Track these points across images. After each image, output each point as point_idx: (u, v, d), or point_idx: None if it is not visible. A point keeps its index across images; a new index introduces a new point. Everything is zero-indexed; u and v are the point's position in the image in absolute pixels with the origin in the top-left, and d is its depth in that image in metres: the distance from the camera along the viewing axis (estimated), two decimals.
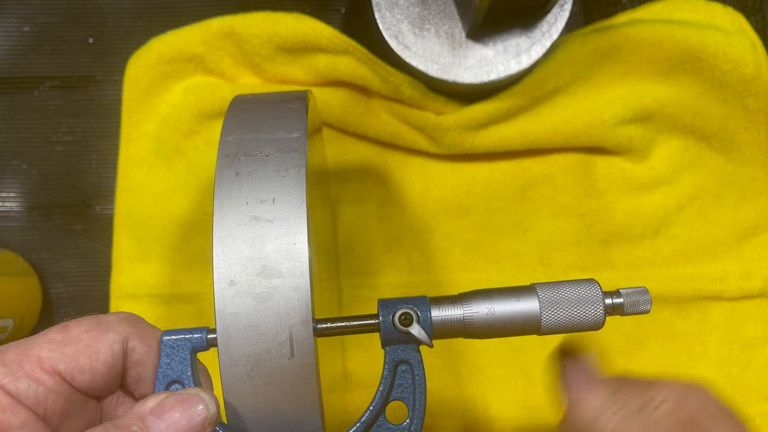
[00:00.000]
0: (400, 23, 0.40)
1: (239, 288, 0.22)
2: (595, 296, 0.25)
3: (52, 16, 0.46)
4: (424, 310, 0.25)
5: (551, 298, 0.25)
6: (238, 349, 0.22)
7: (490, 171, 0.43)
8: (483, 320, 0.25)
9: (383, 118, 0.43)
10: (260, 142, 0.25)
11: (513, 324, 0.25)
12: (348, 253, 0.44)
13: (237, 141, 0.25)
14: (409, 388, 0.25)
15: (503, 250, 0.43)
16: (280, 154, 0.24)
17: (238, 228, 0.23)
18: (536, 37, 0.40)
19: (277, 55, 0.42)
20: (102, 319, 0.24)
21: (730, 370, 0.42)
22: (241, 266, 0.22)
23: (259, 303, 0.22)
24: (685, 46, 0.41)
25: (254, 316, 0.22)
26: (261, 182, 0.23)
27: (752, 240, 0.43)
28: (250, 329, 0.22)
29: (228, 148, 0.25)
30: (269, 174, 0.24)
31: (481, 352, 0.43)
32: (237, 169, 0.24)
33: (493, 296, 0.25)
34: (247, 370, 0.22)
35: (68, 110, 0.46)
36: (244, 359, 0.22)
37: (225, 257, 0.23)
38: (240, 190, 0.23)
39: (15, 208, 0.45)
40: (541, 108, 0.42)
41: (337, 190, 0.44)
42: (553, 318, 0.25)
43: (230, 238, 0.23)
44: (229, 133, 0.25)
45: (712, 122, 0.42)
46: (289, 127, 0.25)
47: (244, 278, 0.22)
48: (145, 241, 0.43)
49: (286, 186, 0.23)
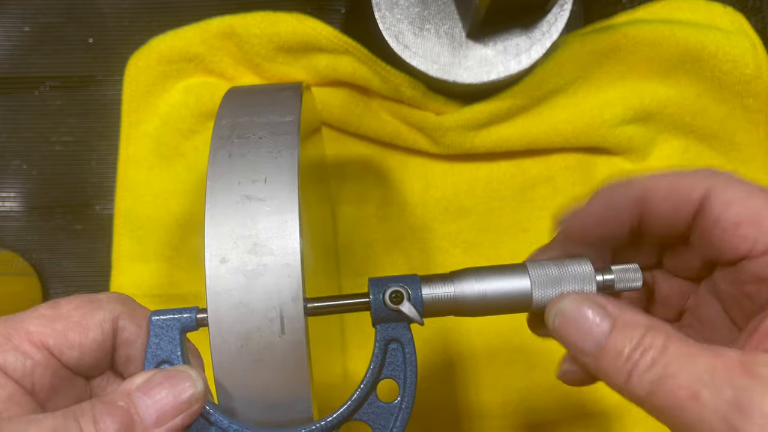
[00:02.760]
0: (400, 23, 0.40)
1: (230, 265, 0.23)
2: (587, 274, 0.25)
3: (52, 16, 0.46)
4: (415, 288, 0.25)
5: (543, 276, 0.25)
6: (229, 326, 0.22)
7: (490, 171, 0.43)
8: (474, 298, 0.25)
9: (383, 118, 0.43)
10: (253, 125, 0.25)
11: (504, 302, 0.25)
12: (348, 252, 0.44)
13: (231, 124, 0.25)
14: (399, 367, 0.25)
15: (503, 251, 0.43)
16: (272, 137, 0.24)
17: (230, 207, 0.23)
18: (536, 37, 0.40)
19: (277, 55, 0.42)
20: (93, 297, 0.24)
21: None
22: (232, 244, 0.23)
23: (250, 280, 0.22)
24: (685, 46, 0.41)
25: (245, 293, 0.22)
26: (253, 163, 0.24)
27: None
28: (241, 306, 0.22)
29: (222, 131, 0.25)
30: (262, 155, 0.24)
31: (481, 351, 0.43)
32: (230, 151, 0.24)
33: (484, 274, 0.25)
34: (237, 348, 0.22)
35: (68, 110, 0.46)
36: (234, 336, 0.22)
37: (216, 235, 0.23)
38: (232, 171, 0.24)
39: (15, 208, 0.45)
40: (541, 108, 0.42)
41: (337, 190, 0.44)
42: (545, 296, 0.25)
43: (222, 216, 0.23)
44: (223, 117, 0.26)
45: (712, 122, 0.42)
46: (283, 111, 0.25)
47: (235, 256, 0.23)
48: (145, 240, 0.43)
49: (279, 166, 0.23)
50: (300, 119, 0.25)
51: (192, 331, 0.25)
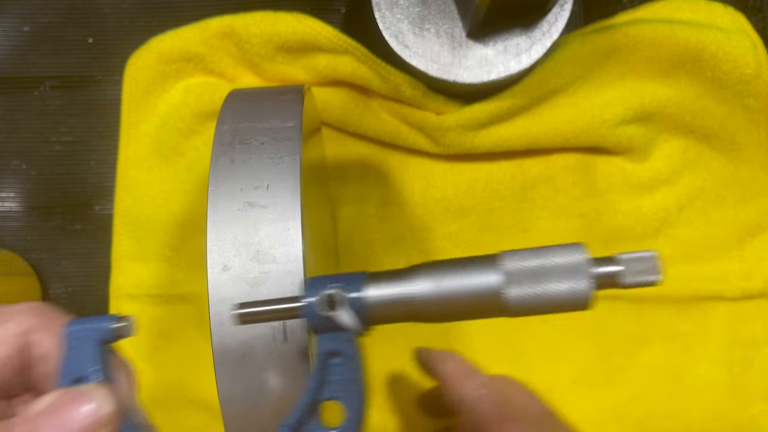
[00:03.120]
0: (400, 23, 0.40)
1: (233, 273, 0.23)
2: (578, 264, 0.20)
3: (52, 16, 0.46)
4: (359, 290, 0.21)
5: (520, 269, 0.20)
6: (231, 334, 0.22)
7: (490, 171, 0.43)
8: (430, 299, 0.21)
9: (383, 118, 0.43)
10: (255, 130, 0.25)
11: (469, 304, 0.20)
12: (348, 253, 0.44)
13: (232, 130, 0.25)
14: (344, 385, 0.21)
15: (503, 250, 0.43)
16: (274, 143, 0.24)
17: (233, 214, 0.23)
18: (536, 36, 0.40)
19: (276, 55, 0.42)
20: (2, 309, 0.22)
21: (731, 371, 0.42)
22: (234, 251, 0.23)
23: (253, 288, 0.22)
24: (686, 45, 0.41)
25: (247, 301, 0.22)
26: (255, 169, 0.24)
27: (753, 240, 0.43)
28: None
29: (223, 137, 0.25)
30: (264, 161, 0.24)
31: (481, 351, 0.43)
32: (232, 157, 0.24)
33: (444, 269, 0.21)
34: (240, 355, 0.22)
35: (68, 110, 0.46)
36: (236, 344, 0.22)
37: (219, 243, 0.23)
38: (234, 177, 0.24)
39: (15, 208, 0.45)
40: (541, 108, 0.42)
41: (337, 190, 0.44)
42: (521, 294, 0.20)
43: (224, 223, 0.23)
44: (224, 122, 0.25)
45: (712, 122, 0.42)
46: (284, 116, 0.25)
47: (237, 263, 0.22)
48: (145, 240, 0.43)
49: (281, 173, 0.23)
50: (302, 124, 0.25)
51: (112, 343, 0.22)
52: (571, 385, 0.42)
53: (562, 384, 0.42)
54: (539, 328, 0.43)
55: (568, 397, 0.42)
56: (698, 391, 0.42)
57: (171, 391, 0.43)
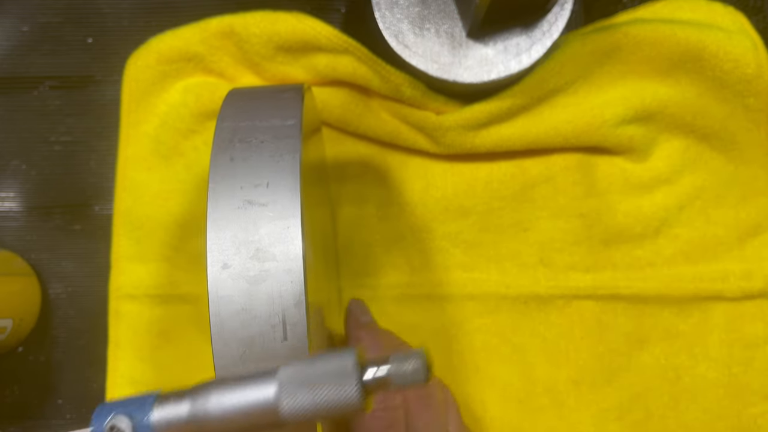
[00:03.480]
0: (400, 23, 0.40)
1: (232, 271, 0.23)
2: (347, 369, 0.20)
3: (51, 16, 0.46)
4: (143, 414, 0.20)
5: (293, 379, 0.20)
6: (231, 332, 0.22)
7: (490, 171, 0.43)
8: (214, 418, 0.21)
9: (383, 118, 0.42)
10: (255, 129, 0.25)
11: (246, 418, 0.20)
12: (348, 253, 0.43)
13: (232, 128, 0.25)
14: None
15: (503, 250, 0.43)
16: (274, 141, 0.24)
17: (232, 212, 0.23)
18: (537, 36, 0.40)
19: (276, 55, 0.42)
20: None
21: (731, 371, 0.42)
22: (234, 249, 0.23)
23: (252, 286, 0.22)
24: (686, 45, 0.41)
25: (247, 299, 0.22)
26: (255, 167, 0.24)
27: (753, 240, 0.43)
28: (243, 312, 0.22)
29: (223, 135, 0.25)
30: (264, 159, 0.24)
31: (481, 351, 0.43)
32: (232, 155, 0.24)
33: (228, 385, 0.21)
34: (240, 353, 0.22)
35: (67, 110, 0.46)
36: (236, 342, 0.22)
37: (218, 241, 0.23)
38: (234, 175, 0.24)
39: (14, 208, 0.45)
40: (541, 108, 0.42)
41: (336, 190, 0.44)
42: (295, 405, 0.20)
43: (224, 221, 0.23)
44: (224, 120, 0.25)
45: (712, 122, 0.42)
46: (285, 114, 0.25)
47: (237, 261, 0.23)
48: (144, 241, 0.43)
49: (281, 171, 0.23)
50: (302, 122, 0.25)
51: None
52: (571, 385, 0.42)
53: (562, 384, 0.42)
54: (539, 328, 0.43)
55: (568, 397, 0.42)
56: (698, 391, 0.42)
57: None
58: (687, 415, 0.42)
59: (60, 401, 0.44)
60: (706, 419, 0.42)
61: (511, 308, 0.43)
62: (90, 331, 0.44)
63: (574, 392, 0.42)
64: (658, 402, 0.42)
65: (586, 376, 0.42)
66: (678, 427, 0.42)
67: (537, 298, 0.43)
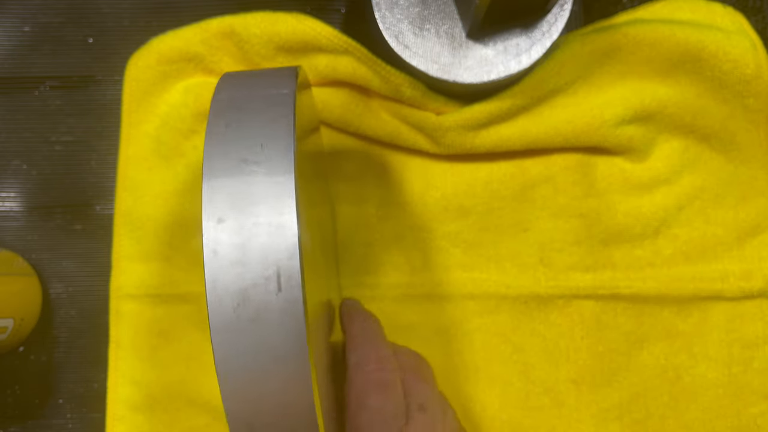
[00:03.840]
0: (400, 23, 0.40)
1: (227, 225, 0.23)
2: None
3: (52, 15, 0.46)
4: None
5: None
6: (225, 285, 0.23)
7: (490, 171, 0.43)
8: None
9: (383, 118, 0.43)
10: (251, 97, 0.26)
11: None
12: (348, 252, 0.44)
13: (228, 98, 0.26)
14: None
15: (503, 250, 0.43)
16: (269, 107, 0.25)
17: (227, 170, 0.24)
18: (536, 37, 0.40)
19: (277, 55, 0.42)
20: None
21: (730, 370, 0.42)
22: (229, 204, 0.23)
23: (246, 240, 0.23)
24: (686, 46, 0.41)
25: (241, 253, 0.23)
26: (250, 130, 0.24)
27: (753, 240, 0.43)
28: (237, 265, 0.23)
29: (219, 104, 0.26)
30: (258, 123, 0.25)
31: (481, 351, 0.43)
32: (227, 120, 0.25)
33: None
34: (233, 306, 0.23)
35: (68, 110, 0.46)
36: (230, 295, 0.23)
37: (213, 196, 0.23)
38: (229, 138, 0.24)
39: (15, 208, 0.45)
40: (541, 108, 0.42)
41: (336, 190, 0.44)
42: None
43: (218, 179, 0.24)
44: (220, 92, 0.26)
45: (712, 122, 0.42)
46: (279, 84, 0.26)
47: (231, 216, 0.23)
48: (145, 240, 0.43)
49: (275, 132, 0.24)
50: (295, 92, 0.26)
51: None
52: (571, 385, 0.42)
53: (562, 384, 0.43)
54: (539, 328, 0.43)
55: (568, 397, 0.42)
56: (698, 390, 0.42)
57: (171, 391, 0.43)
58: (687, 415, 0.42)
59: (61, 401, 0.44)
60: (706, 419, 0.42)
61: (511, 308, 0.43)
62: (91, 331, 0.44)
63: (574, 392, 0.42)
64: (658, 402, 0.42)
65: (586, 376, 0.43)
66: (678, 427, 0.42)
67: (537, 298, 0.43)
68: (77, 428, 0.44)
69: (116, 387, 0.43)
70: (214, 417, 0.43)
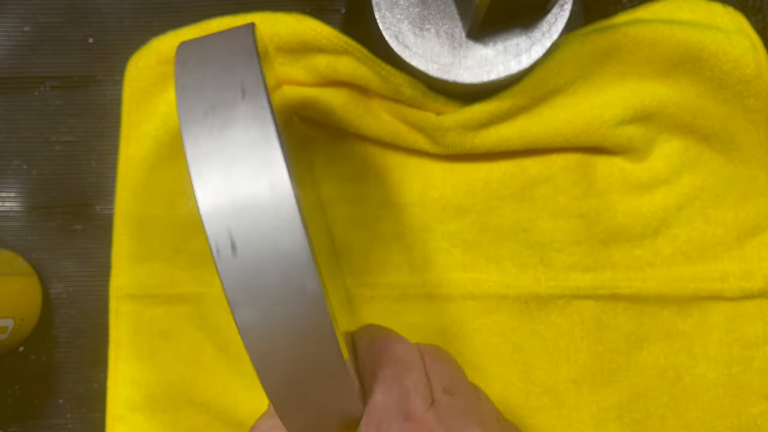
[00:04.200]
0: (400, 23, 0.40)
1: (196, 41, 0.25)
2: None
3: (52, 15, 0.46)
4: None
5: None
6: (193, 93, 0.24)
7: (490, 171, 0.43)
8: None
9: (383, 118, 0.43)
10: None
11: None
12: (348, 253, 0.44)
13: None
14: None
15: (503, 251, 0.43)
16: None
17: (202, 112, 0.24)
18: (536, 37, 0.40)
19: (276, 56, 0.42)
20: None
21: (730, 370, 0.42)
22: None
23: (212, 52, 0.25)
24: (686, 46, 0.41)
25: (206, 52, 0.25)
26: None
27: (752, 240, 0.43)
28: (203, 65, 0.24)
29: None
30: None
31: (481, 351, 0.43)
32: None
33: None
34: (202, 115, 0.23)
35: (68, 110, 0.46)
36: (198, 103, 0.24)
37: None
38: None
39: (15, 208, 0.45)
40: (541, 108, 0.42)
41: (336, 190, 0.44)
42: None
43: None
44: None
45: (712, 122, 0.42)
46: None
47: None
48: (145, 241, 0.43)
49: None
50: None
51: None
52: (571, 385, 0.42)
53: (562, 384, 0.43)
54: (539, 328, 0.43)
55: (568, 396, 0.42)
56: (698, 390, 0.42)
57: (171, 391, 0.43)
58: (687, 415, 0.42)
59: (61, 401, 0.44)
60: (706, 419, 0.42)
61: (511, 308, 0.43)
62: (91, 331, 0.44)
63: (574, 392, 0.42)
64: (658, 401, 0.42)
65: (586, 375, 0.43)
66: (678, 427, 0.42)
67: (537, 298, 0.43)
68: (77, 428, 0.44)
69: (116, 387, 0.43)
70: (214, 417, 0.43)
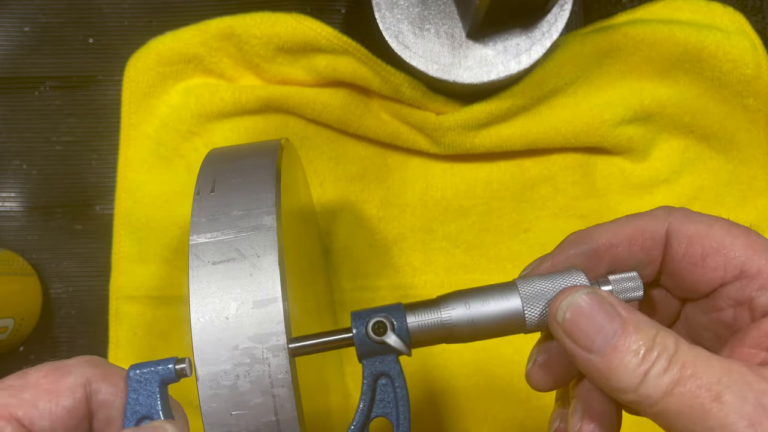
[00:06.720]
0: (400, 23, 0.40)
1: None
2: (580, 285, 0.24)
3: (52, 16, 0.46)
4: (400, 318, 0.24)
5: (533, 293, 0.24)
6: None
7: (490, 171, 0.43)
8: (462, 323, 0.24)
9: (383, 119, 0.43)
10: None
11: (496, 324, 0.24)
12: (348, 254, 0.43)
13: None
14: (391, 403, 0.24)
15: (504, 251, 0.43)
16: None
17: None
18: (536, 37, 0.40)
19: (276, 56, 0.42)
20: (62, 364, 0.23)
21: None
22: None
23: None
24: (685, 46, 0.41)
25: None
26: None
27: None
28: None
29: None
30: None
31: (482, 352, 0.43)
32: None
33: (471, 297, 0.24)
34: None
35: (68, 110, 0.46)
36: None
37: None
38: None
39: (15, 208, 0.45)
40: (541, 108, 0.42)
41: (337, 190, 0.44)
42: (537, 313, 0.24)
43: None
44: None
45: (711, 122, 0.42)
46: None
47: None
48: (145, 242, 0.43)
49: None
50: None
51: (172, 383, 0.24)
52: None
53: None
54: None
55: None
56: None
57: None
58: None
59: None
60: None
61: None
62: (90, 331, 0.44)
63: None
64: None
65: None
66: None
67: None
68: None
69: None
70: None
